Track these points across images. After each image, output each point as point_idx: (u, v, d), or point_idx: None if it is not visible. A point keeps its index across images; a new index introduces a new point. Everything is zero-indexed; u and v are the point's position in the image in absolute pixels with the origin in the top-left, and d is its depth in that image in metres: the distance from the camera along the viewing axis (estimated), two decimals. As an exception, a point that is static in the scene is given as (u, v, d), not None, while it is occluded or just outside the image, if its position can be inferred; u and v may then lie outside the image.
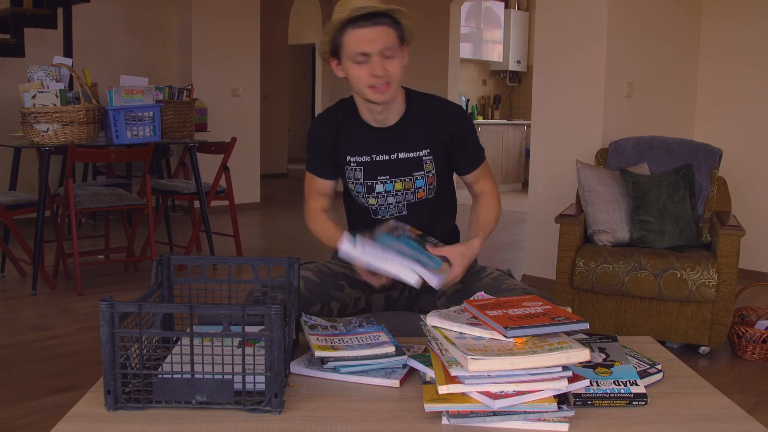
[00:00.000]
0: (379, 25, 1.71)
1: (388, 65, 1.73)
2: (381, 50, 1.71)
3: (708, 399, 1.33)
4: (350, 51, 1.73)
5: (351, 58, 1.74)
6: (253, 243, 5.71)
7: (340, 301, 1.85)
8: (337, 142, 1.90)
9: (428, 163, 1.88)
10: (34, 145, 4.00)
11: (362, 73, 1.74)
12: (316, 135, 1.94)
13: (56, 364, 3.00)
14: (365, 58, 1.72)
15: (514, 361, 1.17)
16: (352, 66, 1.75)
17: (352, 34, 1.71)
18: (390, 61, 1.74)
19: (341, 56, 1.77)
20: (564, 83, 4.28)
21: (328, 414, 1.23)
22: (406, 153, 1.87)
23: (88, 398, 1.28)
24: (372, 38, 1.70)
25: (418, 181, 1.89)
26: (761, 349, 3.15)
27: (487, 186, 1.98)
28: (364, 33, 1.70)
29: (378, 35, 1.70)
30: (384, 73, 1.73)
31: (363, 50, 1.71)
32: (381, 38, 1.71)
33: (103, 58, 6.55)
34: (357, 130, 1.89)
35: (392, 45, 1.73)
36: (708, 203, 3.56)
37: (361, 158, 1.88)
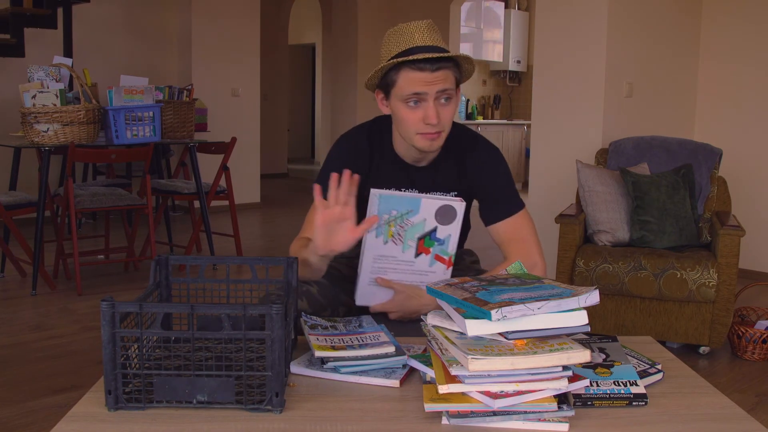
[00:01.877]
0: (440, 70, 1.56)
1: (443, 111, 1.60)
2: (438, 92, 1.58)
3: (708, 399, 1.33)
4: (403, 91, 1.59)
5: (402, 99, 1.60)
6: (253, 243, 5.71)
7: (346, 305, 1.84)
8: (366, 173, 1.74)
9: None
10: (34, 145, 4.01)
11: (414, 117, 1.60)
12: (344, 159, 1.74)
13: (56, 364, 3.00)
14: (418, 98, 1.58)
15: (515, 361, 1.17)
16: (402, 107, 1.61)
17: (407, 75, 1.57)
18: (445, 107, 1.61)
19: (391, 94, 1.63)
20: (564, 83, 4.29)
21: (328, 414, 1.23)
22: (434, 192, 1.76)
23: (89, 398, 1.28)
24: (430, 80, 1.56)
25: None
26: (761, 349, 3.15)
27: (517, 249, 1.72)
28: (422, 75, 1.56)
29: (437, 78, 1.56)
30: (437, 121, 1.59)
31: (419, 90, 1.57)
32: (440, 81, 1.57)
33: (103, 58, 6.55)
34: (389, 164, 1.76)
35: (451, 88, 1.60)
36: (708, 203, 3.56)
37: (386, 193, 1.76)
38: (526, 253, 1.73)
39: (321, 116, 12.37)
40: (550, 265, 3.56)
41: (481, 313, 1.19)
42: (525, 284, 1.33)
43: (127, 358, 1.24)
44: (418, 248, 1.62)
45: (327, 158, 1.80)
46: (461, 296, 1.26)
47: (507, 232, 1.76)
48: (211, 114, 6.30)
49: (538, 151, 4.47)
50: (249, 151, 7.37)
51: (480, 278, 1.41)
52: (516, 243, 1.74)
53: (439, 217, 1.58)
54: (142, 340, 1.24)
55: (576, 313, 1.22)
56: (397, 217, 1.60)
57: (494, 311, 1.17)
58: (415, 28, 1.61)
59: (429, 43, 1.59)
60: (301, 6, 11.59)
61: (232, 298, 1.55)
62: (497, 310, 1.17)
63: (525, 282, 1.35)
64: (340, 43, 8.62)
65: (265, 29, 9.26)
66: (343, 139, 1.82)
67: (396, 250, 1.63)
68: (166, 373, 1.23)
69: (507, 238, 1.76)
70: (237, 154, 6.19)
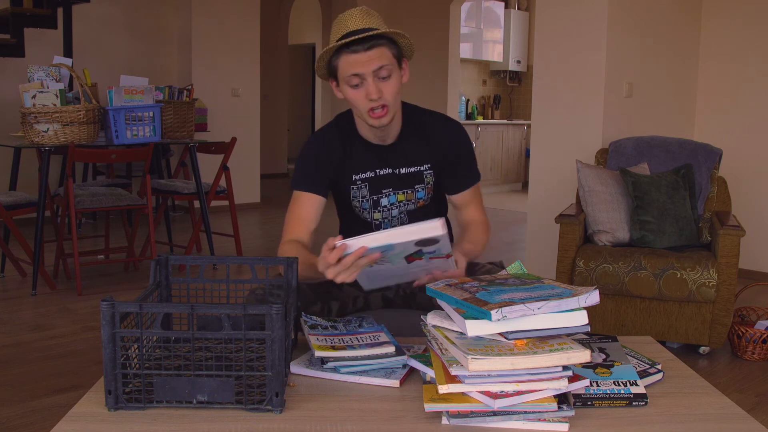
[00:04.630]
0: (373, 48, 1.66)
1: (384, 86, 1.69)
2: (375, 71, 1.67)
3: (708, 399, 1.33)
4: (344, 74, 1.69)
5: (346, 82, 1.70)
6: (252, 243, 5.71)
7: (339, 300, 1.85)
8: (341, 162, 1.85)
9: (428, 176, 1.89)
10: (34, 145, 4.01)
11: (359, 97, 1.70)
12: (318, 153, 1.86)
13: (56, 364, 3.00)
14: (359, 80, 1.68)
15: (515, 361, 1.17)
16: (348, 90, 1.72)
17: (344, 58, 1.68)
18: (385, 82, 1.69)
19: (338, 79, 1.74)
20: (564, 83, 4.29)
21: (328, 414, 1.23)
22: (408, 168, 1.87)
23: (89, 398, 1.28)
24: (365, 60, 1.66)
25: (419, 193, 1.89)
26: (761, 349, 3.15)
27: (477, 214, 1.93)
28: (356, 57, 1.66)
29: (371, 57, 1.66)
30: (378, 95, 1.68)
31: (355, 71, 1.67)
32: (374, 59, 1.66)
33: (103, 58, 6.55)
34: (359, 149, 1.86)
35: (388, 64, 1.68)
36: (708, 203, 3.56)
37: (365, 174, 1.86)
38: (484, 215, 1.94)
39: (321, 116, 12.37)
40: (551, 265, 3.56)
41: (481, 313, 1.19)
42: (525, 284, 1.33)
43: (127, 358, 1.24)
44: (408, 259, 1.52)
45: (300, 156, 1.90)
46: (461, 296, 1.26)
47: (468, 198, 1.93)
48: (211, 114, 6.30)
49: (538, 151, 4.47)
50: (249, 151, 7.37)
51: (480, 278, 1.41)
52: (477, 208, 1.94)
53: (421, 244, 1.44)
54: (142, 340, 1.24)
55: (576, 313, 1.22)
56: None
57: (494, 311, 1.17)
58: (349, 15, 1.71)
59: (360, 26, 1.68)
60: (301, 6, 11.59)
61: (232, 298, 1.55)
62: (497, 310, 1.18)
63: (525, 282, 1.35)
64: (340, 43, 8.61)
65: (265, 29, 9.26)
66: (313, 137, 1.92)
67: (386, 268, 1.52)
68: (166, 373, 1.23)
69: (468, 201, 1.93)
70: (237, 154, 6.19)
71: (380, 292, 1.91)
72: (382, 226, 1.90)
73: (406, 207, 1.90)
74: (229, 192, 4.88)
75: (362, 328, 1.53)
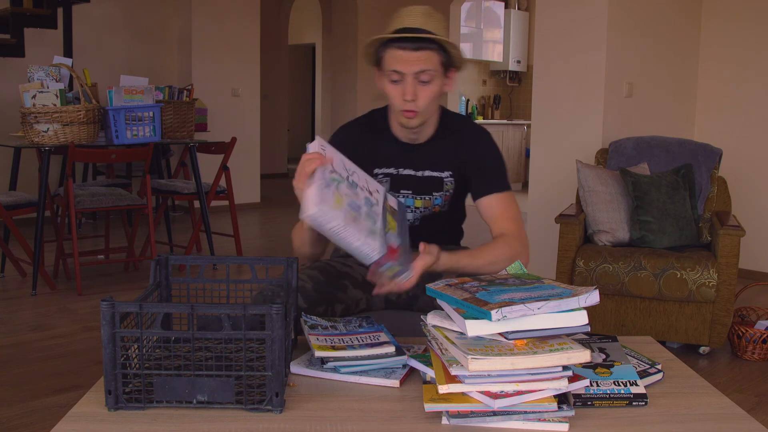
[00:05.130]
0: (420, 50, 1.65)
1: (421, 90, 1.69)
2: (416, 73, 1.67)
3: (708, 399, 1.33)
4: (387, 67, 1.69)
5: (387, 75, 1.70)
6: (252, 243, 5.71)
7: (343, 303, 1.84)
8: (366, 154, 1.84)
9: (448, 184, 1.88)
10: (34, 145, 4.00)
11: (395, 93, 1.71)
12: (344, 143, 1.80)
13: (56, 364, 3.00)
14: (399, 77, 1.68)
15: (515, 361, 1.17)
16: (386, 83, 1.72)
17: (391, 53, 1.67)
18: (424, 86, 1.69)
19: (381, 69, 1.74)
20: (564, 83, 4.29)
21: (328, 414, 1.23)
22: (431, 172, 1.86)
23: (89, 398, 1.28)
24: (410, 60, 1.66)
25: (437, 200, 1.89)
26: (761, 349, 3.15)
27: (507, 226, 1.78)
28: (403, 54, 1.66)
29: (416, 58, 1.65)
30: (413, 98, 1.68)
31: (397, 68, 1.67)
32: (419, 61, 1.66)
33: (103, 58, 6.55)
34: (386, 143, 1.86)
35: (432, 69, 1.67)
36: (708, 203, 3.56)
37: (388, 170, 1.87)
38: (517, 232, 1.78)
39: (321, 116, 12.37)
40: (550, 265, 3.56)
41: (481, 313, 1.19)
42: (525, 284, 1.33)
43: (127, 358, 1.24)
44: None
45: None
46: (461, 296, 1.26)
47: (496, 208, 1.81)
48: (211, 114, 6.30)
49: (538, 151, 4.47)
50: (249, 151, 7.37)
51: (480, 278, 1.41)
52: (507, 221, 1.79)
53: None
54: (142, 340, 1.24)
55: (576, 313, 1.22)
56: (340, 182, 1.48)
57: (494, 311, 1.17)
58: (409, 11, 1.70)
59: (417, 25, 1.67)
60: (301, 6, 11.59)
61: (232, 298, 1.55)
62: (497, 310, 1.18)
63: (525, 282, 1.35)
64: (340, 43, 8.62)
65: (265, 29, 9.26)
66: (342, 127, 1.94)
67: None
68: (166, 373, 1.23)
69: (497, 214, 1.80)
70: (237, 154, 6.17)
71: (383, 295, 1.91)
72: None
73: (422, 213, 1.90)
74: (229, 192, 4.88)
75: (362, 328, 1.53)
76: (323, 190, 1.40)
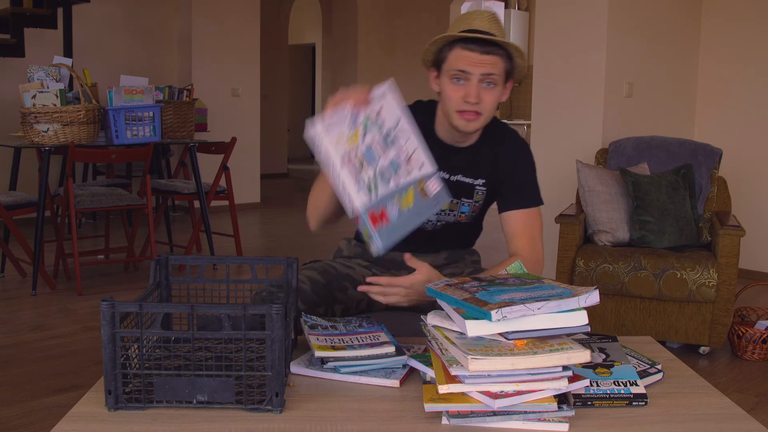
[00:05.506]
0: (489, 54, 1.62)
1: (485, 94, 1.65)
2: (483, 75, 1.63)
3: (708, 399, 1.33)
4: (451, 66, 1.65)
5: (449, 75, 1.65)
6: (252, 243, 5.71)
7: (343, 303, 1.84)
8: None
9: (479, 193, 1.84)
10: (34, 145, 4.00)
11: (456, 94, 1.65)
12: None
13: (56, 364, 2.99)
14: (464, 77, 1.64)
15: (515, 362, 1.17)
16: (448, 83, 1.66)
17: (458, 52, 1.63)
18: (488, 90, 1.65)
19: (441, 70, 1.69)
20: (564, 83, 4.28)
21: (328, 414, 1.23)
22: (464, 177, 1.82)
23: (89, 398, 1.28)
24: (477, 61, 1.62)
25: (464, 207, 1.85)
26: (761, 349, 3.15)
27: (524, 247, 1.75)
28: (471, 55, 1.62)
29: (484, 60, 1.62)
30: (477, 101, 1.64)
31: (464, 68, 1.62)
32: (487, 64, 1.63)
33: (103, 58, 6.55)
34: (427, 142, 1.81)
35: (497, 74, 1.64)
36: (708, 203, 3.56)
37: None
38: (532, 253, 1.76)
39: (321, 116, 12.35)
40: (551, 265, 3.56)
41: (481, 313, 1.19)
42: (525, 284, 1.33)
43: (127, 358, 1.24)
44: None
45: None
46: (461, 297, 1.26)
47: (519, 225, 1.79)
48: (211, 114, 6.30)
49: (538, 151, 4.44)
50: (249, 151, 7.37)
51: (480, 278, 1.41)
52: (525, 239, 1.77)
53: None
54: (142, 340, 1.24)
55: (576, 313, 1.22)
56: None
57: (494, 311, 1.17)
58: (477, 14, 1.67)
59: (485, 29, 1.64)
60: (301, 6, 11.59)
61: (232, 298, 1.55)
62: (497, 310, 1.17)
63: (525, 282, 1.35)
64: (340, 43, 8.62)
65: (265, 29, 9.26)
66: None
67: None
68: (166, 373, 1.23)
69: (519, 231, 1.78)
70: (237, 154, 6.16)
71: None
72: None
73: (446, 218, 1.86)
74: (229, 192, 4.88)
75: (362, 328, 1.53)
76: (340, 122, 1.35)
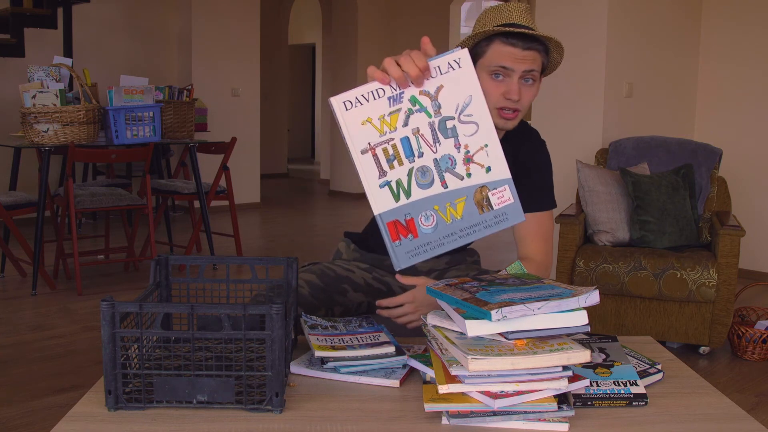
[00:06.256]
0: (530, 50, 1.57)
1: (525, 91, 1.60)
2: (525, 71, 1.58)
3: (708, 399, 1.33)
4: (491, 61, 1.58)
5: (488, 70, 1.59)
6: (252, 243, 5.71)
7: (343, 306, 1.83)
8: None
9: None
10: (34, 145, 4.00)
11: (495, 91, 1.59)
12: None
13: (56, 364, 3.00)
14: (505, 73, 1.58)
15: (515, 362, 1.17)
16: (487, 79, 1.59)
17: (498, 47, 1.57)
18: (528, 86, 1.61)
19: (477, 64, 1.60)
20: (564, 83, 4.28)
21: (328, 414, 1.23)
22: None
23: (89, 398, 1.28)
24: (520, 57, 1.57)
25: None
26: (761, 349, 3.15)
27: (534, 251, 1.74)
28: (513, 51, 1.56)
29: (526, 56, 1.57)
30: (519, 98, 1.59)
31: (506, 65, 1.57)
32: (528, 60, 1.58)
33: (103, 58, 6.55)
34: None
35: (537, 70, 1.60)
36: (708, 203, 3.56)
37: None
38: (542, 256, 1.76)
39: (321, 116, 12.37)
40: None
41: (481, 313, 1.19)
42: (525, 284, 1.33)
43: (127, 358, 1.24)
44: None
45: None
46: (461, 296, 1.26)
47: (533, 227, 1.76)
48: (211, 114, 6.30)
49: (538, 151, 4.47)
50: (249, 151, 7.37)
51: (480, 278, 1.41)
52: (536, 243, 1.76)
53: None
54: (142, 340, 1.24)
55: (576, 313, 1.22)
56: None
57: (494, 311, 1.17)
58: (515, 7, 1.62)
59: (525, 22, 1.59)
60: (301, 6, 11.59)
61: (232, 298, 1.55)
62: (497, 310, 1.17)
63: (525, 282, 1.35)
64: (340, 43, 8.62)
65: (265, 29, 9.26)
66: None
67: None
68: (166, 373, 1.23)
69: (532, 233, 1.76)
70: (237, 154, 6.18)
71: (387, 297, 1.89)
72: None
73: None
74: (229, 192, 4.88)
75: (362, 328, 1.53)
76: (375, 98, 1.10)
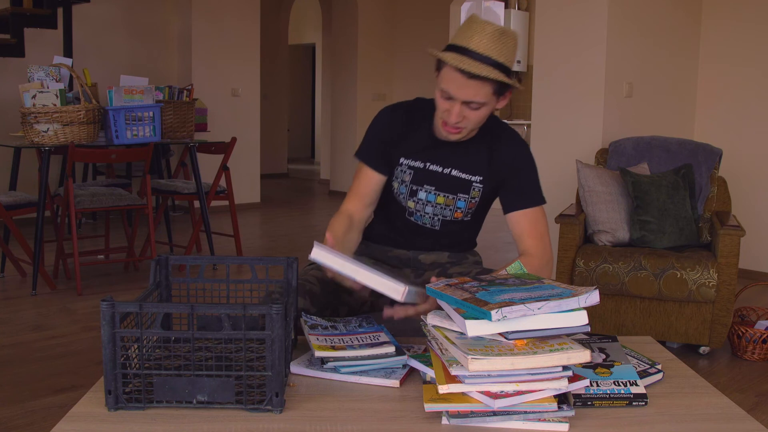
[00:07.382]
0: (474, 79, 1.62)
1: (469, 113, 1.68)
2: (465, 102, 1.66)
3: (708, 399, 1.33)
4: (440, 82, 1.68)
5: (439, 88, 1.69)
6: (253, 243, 5.71)
7: (348, 305, 1.85)
8: (397, 141, 1.85)
9: (476, 189, 1.84)
10: (34, 145, 4.00)
11: (443, 107, 1.71)
12: (381, 126, 1.88)
13: (56, 364, 2.99)
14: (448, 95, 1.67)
15: (515, 361, 1.17)
16: (438, 93, 1.71)
17: (447, 72, 1.65)
18: (472, 110, 1.68)
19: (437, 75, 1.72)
20: (564, 83, 4.29)
21: (328, 414, 1.23)
22: (459, 173, 1.83)
23: (89, 398, 1.28)
24: (462, 85, 1.63)
25: (460, 202, 1.85)
26: (761, 349, 3.15)
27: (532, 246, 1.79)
28: (457, 78, 1.63)
29: (468, 86, 1.63)
30: (458, 120, 1.69)
31: (449, 91, 1.66)
32: (470, 91, 1.64)
33: (103, 58, 6.55)
34: (420, 135, 1.85)
35: (482, 100, 1.66)
36: (708, 203, 3.56)
37: (414, 162, 1.85)
38: (541, 251, 1.79)
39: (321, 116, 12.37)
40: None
41: (481, 313, 1.19)
42: (525, 284, 1.33)
43: (127, 358, 1.24)
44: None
45: (369, 126, 1.92)
46: (461, 296, 1.26)
47: (525, 224, 1.81)
48: (211, 114, 6.30)
49: (538, 151, 4.47)
50: (249, 151, 7.37)
51: (480, 278, 1.41)
52: (532, 239, 1.80)
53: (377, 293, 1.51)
54: (142, 340, 1.24)
55: (576, 313, 1.22)
56: None
57: (494, 311, 1.17)
58: (479, 30, 1.64)
59: (481, 51, 1.62)
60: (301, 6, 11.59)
61: (232, 298, 1.55)
62: (497, 310, 1.17)
63: (525, 282, 1.35)
64: (340, 43, 8.62)
65: (265, 29, 9.26)
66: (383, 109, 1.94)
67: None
68: (166, 373, 1.23)
69: (526, 230, 1.81)
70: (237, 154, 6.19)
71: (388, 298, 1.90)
72: (413, 216, 1.88)
73: (442, 212, 1.86)
74: (229, 192, 4.88)
75: (362, 328, 1.53)
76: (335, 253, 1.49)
